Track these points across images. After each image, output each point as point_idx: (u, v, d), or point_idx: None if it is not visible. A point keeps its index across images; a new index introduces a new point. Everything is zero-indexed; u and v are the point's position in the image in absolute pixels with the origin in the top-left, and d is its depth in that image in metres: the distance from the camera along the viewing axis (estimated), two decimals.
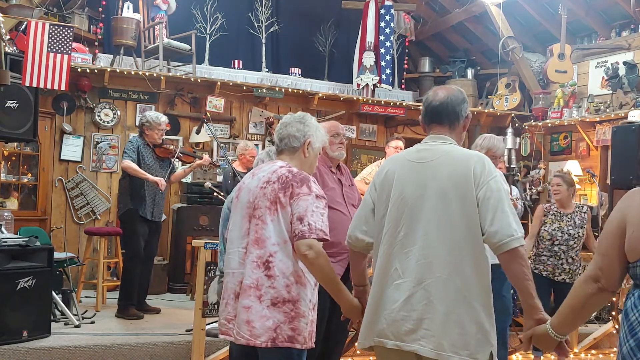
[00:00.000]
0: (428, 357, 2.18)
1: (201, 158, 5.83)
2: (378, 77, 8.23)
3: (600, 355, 5.47)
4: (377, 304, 2.31)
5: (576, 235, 4.80)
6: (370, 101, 8.17)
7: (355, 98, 8.19)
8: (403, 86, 9.26)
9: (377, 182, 2.45)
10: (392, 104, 8.29)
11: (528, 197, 7.57)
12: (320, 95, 7.97)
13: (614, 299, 4.87)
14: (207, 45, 8.02)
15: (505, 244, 2.15)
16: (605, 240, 1.98)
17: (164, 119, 5.57)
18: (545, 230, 4.85)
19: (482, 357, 2.17)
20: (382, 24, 8.33)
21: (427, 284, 2.19)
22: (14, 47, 5.82)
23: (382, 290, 2.30)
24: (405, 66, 9.46)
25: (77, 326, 4.87)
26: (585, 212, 4.91)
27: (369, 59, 8.19)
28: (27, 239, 4.52)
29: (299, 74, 8.38)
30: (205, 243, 4.43)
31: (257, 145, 7.44)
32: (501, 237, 2.15)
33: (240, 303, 2.51)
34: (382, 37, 8.31)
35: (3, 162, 6.31)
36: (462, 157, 2.29)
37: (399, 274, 2.26)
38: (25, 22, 5.39)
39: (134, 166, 5.29)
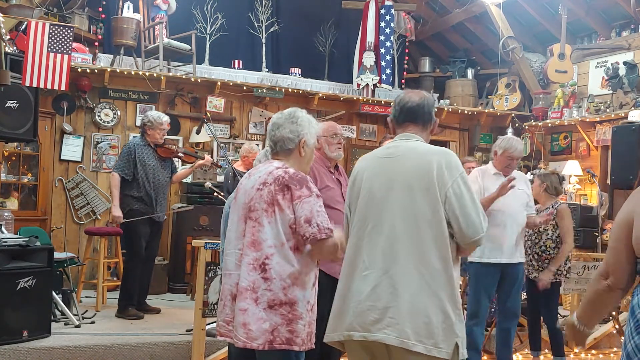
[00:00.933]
0: (393, 345, 2.18)
1: (203, 158, 5.83)
2: (378, 77, 8.23)
3: (601, 355, 5.47)
4: (345, 296, 2.33)
5: (537, 230, 4.70)
6: (370, 101, 8.17)
7: (355, 98, 8.19)
8: (403, 86, 9.26)
9: (350, 180, 2.53)
10: (392, 104, 8.27)
11: None
12: (320, 95, 7.97)
13: None
14: (207, 45, 8.02)
15: (474, 242, 2.30)
16: (613, 234, 2.02)
17: (165, 118, 5.59)
18: None
19: (446, 348, 2.18)
20: (382, 24, 8.33)
21: (393, 273, 2.23)
22: (14, 47, 5.82)
23: (350, 283, 2.33)
24: (405, 66, 9.46)
25: (78, 326, 4.87)
26: (556, 207, 4.72)
27: (369, 59, 8.19)
28: (27, 239, 4.52)
29: (299, 74, 8.38)
30: (206, 243, 4.43)
31: (257, 144, 7.43)
32: (467, 233, 2.28)
33: (237, 306, 2.50)
34: (382, 37, 8.31)
35: (3, 162, 6.30)
36: (427, 151, 2.37)
37: (365, 266, 2.29)
38: (26, 22, 5.39)
39: (114, 188, 5.38)
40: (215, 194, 6.02)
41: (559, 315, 4.89)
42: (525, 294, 4.97)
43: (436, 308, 2.19)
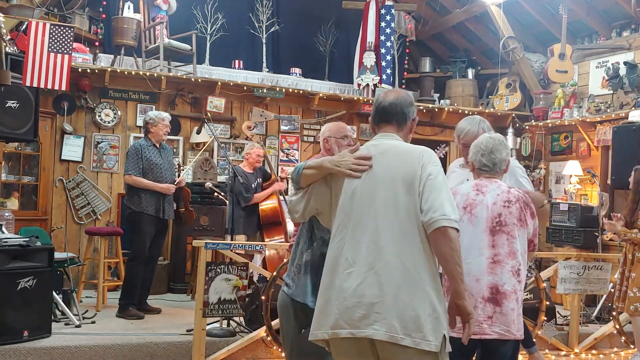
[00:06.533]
0: (381, 340, 2.18)
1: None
2: (379, 77, 8.23)
3: (601, 356, 5.47)
4: (329, 294, 2.32)
5: None
6: (370, 101, 8.17)
7: (355, 98, 8.19)
8: (404, 86, 9.25)
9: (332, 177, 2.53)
10: None
11: None
12: (320, 95, 7.97)
13: (614, 299, 4.86)
14: (208, 46, 8.02)
15: (435, 222, 2.21)
16: None
17: (166, 114, 5.71)
18: None
19: (434, 341, 2.18)
20: (383, 24, 8.33)
21: (378, 269, 2.23)
22: (15, 47, 5.82)
23: (333, 280, 2.32)
24: (406, 66, 9.46)
25: (78, 326, 4.88)
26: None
27: (369, 59, 8.19)
28: (27, 239, 4.53)
29: (300, 74, 8.38)
30: (206, 243, 4.43)
31: (258, 143, 7.42)
32: (432, 215, 2.22)
33: (507, 306, 2.92)
34: (382, 37, 8.31)
35: (3, 162, 6.31)
36: (409, 149, 2.41)
37: (349, 263, 2.29)
38: (26, 22, 5.40)
39: (141, 181, 5.38)
40: (215, 194, 6.02)
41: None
42: None
43: (423, 301, 2.20)
